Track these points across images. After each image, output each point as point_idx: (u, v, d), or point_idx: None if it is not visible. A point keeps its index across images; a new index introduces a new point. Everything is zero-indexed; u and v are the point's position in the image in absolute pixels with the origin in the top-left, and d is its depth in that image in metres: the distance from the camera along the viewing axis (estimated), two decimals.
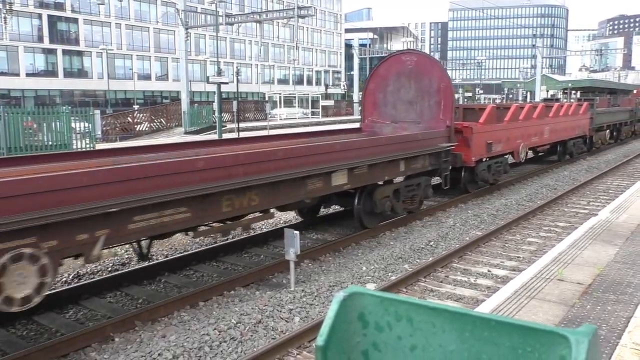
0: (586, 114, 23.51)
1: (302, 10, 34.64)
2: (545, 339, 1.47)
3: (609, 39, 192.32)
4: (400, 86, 13.15)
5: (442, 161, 12.33)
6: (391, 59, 13.48)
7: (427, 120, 12.78)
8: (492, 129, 14.77)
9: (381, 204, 10.88)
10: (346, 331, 1.74)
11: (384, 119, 13.47)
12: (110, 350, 6.05)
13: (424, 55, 13.62)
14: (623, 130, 31.38)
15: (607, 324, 5.10)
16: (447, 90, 12.63)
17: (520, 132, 16.74)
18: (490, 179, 15.36)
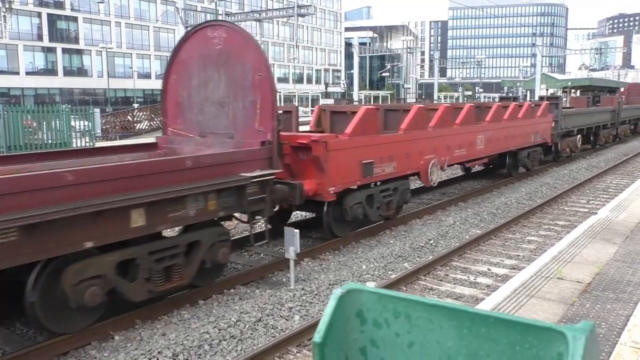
0: (546, 116, 19.17)
1: (302, 9, 34.65)
2: (542, 335, 1.47)
3: (608, 37, 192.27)
4: (208, 78, 8.72)
5: (253, 199, 7.67)
6: (195, 35, 8.88)
7: (242, 130, 8.36)
8: (371, 142, 10.27)
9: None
10: (344, 328, 1.74)
11: (189, 129, 9.01)
12: (110, 349, 6.05)
13: (236, 29, 8.54)
14: (602, 134, 26.88)
15: (607, 323, 5.11)
16: (264, 85, 8.09)
17: (431, 144, 12.17)
18: (373, 216, 10.62)
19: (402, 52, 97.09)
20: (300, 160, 9.41)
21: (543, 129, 18.80)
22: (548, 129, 19.29)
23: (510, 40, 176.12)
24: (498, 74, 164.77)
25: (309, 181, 9.21)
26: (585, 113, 24.50)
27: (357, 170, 9.94)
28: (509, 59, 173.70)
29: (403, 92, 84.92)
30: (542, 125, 18.74)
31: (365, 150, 10.11)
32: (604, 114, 27.25)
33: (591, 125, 24.83)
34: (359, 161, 9.93)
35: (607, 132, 27.70)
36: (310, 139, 9.11)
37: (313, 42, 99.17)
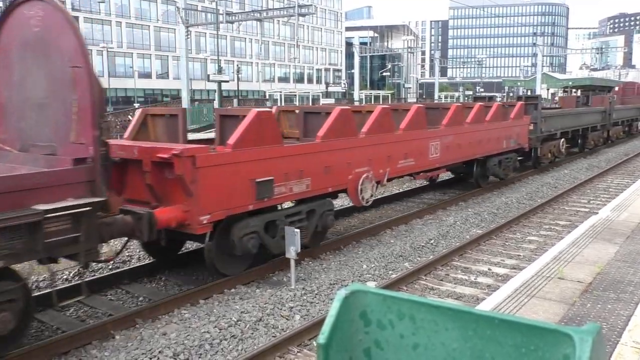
0: (522, 118, 16.88)
1: (302, 8, 34.62)
2: (549, 337, 1.46)
3: (609, 37, 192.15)
4: (27, 72, 6.57)
5: (58, 240, 5.54)
6: (13, 15, 6.68)
7: (64, 142, 6.20)
8: (268, 155, 8.06)
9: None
10: (348, 329, 1.73)
11: (12, 139, 6.78)
12: (111, 348, 6.05)
13: (52, 4, 6.34)
14: (591, 137, 24.67)
15: (608, 323, 5.10)
16: (81, 80, 5.96)
17: (364, 154, 9.98)
18: (275, 248, 8.39)
19: (402, 51, 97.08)
20: (166, 181, 7.10)
21: (518, 132, 16.46)
22: (524, 132, 17.04)
23: (511, 40, 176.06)
24: (499, 73, 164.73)
25: (173, 208, 7.02)
26: (570, 114, 21.96)
27: (249, 191, 7.71)
28: (510, 58, 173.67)
29: (404, 92, 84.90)
30: (517, 128, 16.43)
31: (260, 164, 7.88)
32: (593, 115, 24.86)
33: (578, 128, 22.51)
34: (250, 179, 7.71)
35: (596, 134, 25.35)
36: (171, 152, 6.82)
37: (314, 41, 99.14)
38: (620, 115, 29.75)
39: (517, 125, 16.47)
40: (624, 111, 30.85)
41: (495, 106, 15.53)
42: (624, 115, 31.03)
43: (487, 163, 15.09)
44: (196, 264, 9.05)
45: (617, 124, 29.16)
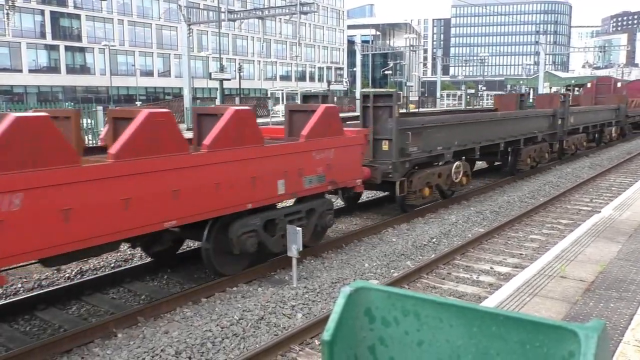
0: (341, 135, 9.45)
1: (304, 6, 34.59)
2: (553, 334, 1.46)
3: (612, 35, 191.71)
4: None
5: None
6: None
7: None
8: None
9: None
10: (353, 326, 1.73)
11: None
12: (113, 346, 6.06)
13: None
14: (526, 153, 17.29)
15: (610, 321, 5.10)
16: None
17: None
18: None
19: (404, 50, 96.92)
20: None
21: (335, 161, 9.18)
22: (353, 159, 9.66)
23: (514, 38, 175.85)
24: (501, 72, 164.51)
25: None
26: (471, 123, 14.04)
27: None
28: (512, 56, 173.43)
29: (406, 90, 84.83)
30: (330, 154, 9.07)
31: None
32: (531, 121, 17.65)
33: (496, 142, 15.30)
34: None
35: (536, 148, 17.99)
36: None
37: (316, 39, 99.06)
38: (583, 119, 22.87)
39: (329, 148, 9.01)
40: (589, 114, 23.91)
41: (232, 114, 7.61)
42: (590, 120, 23.96)
43: (230, 229, 7.66)
44: (198, 263, 9.06)
45: (575, 132, 22.06)
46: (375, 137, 11.23)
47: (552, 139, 19.58)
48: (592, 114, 24.40)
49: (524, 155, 17.21)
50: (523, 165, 17.28)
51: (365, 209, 13.05)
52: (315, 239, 9.52)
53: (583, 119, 22.87)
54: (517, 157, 17.11)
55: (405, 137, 11.28)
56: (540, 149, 18.38)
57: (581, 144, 23.06)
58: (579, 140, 22.66)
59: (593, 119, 24.39)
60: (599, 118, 25.29)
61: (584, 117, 23.03)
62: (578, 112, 22.18)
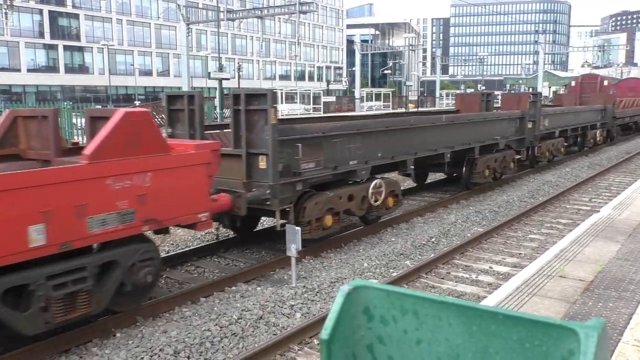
0: (170, 157, 6.64)
1: (303, 6, 34.58)
2: (553, 332, 1.45)
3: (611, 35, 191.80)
4: None
5: None
6: None
7: None
8: None
9: None
10: (351, 325, 1.72)
11: None
12: (111, 346, 6.05)
13: None
14: (483, 163, 14.56)
15: (609, 321, 5.09)
16: None
17: None
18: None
19: (404, 49, 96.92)
20: None
21: (149, 191, 6.41)
22: (190, 187, 6.91)
23: (513, 38, 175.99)
24: (500, 71, 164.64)
25: None
26: (400, 130, 11.39)
27: None
28: (512, 56, 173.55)
29: (405, 90, 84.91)
30: (139, 182, 6.31)
31: None
32: (491, 125, 14.98)
33: (440, 152, 12.66)
34: None
35: (497, 157, 15.24)
36: None
37: (315, 39, 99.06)
38: (560, 122, 20.04)
39: (140, 172, 6.32)
40: (568, 116, 21.13)
41: None
42: (569, 122, 21.09)
43: None
44: (197, 262, 9.06)
45: (550, 136, 19.24)
46: (250, 151, 8.42)
47: (520, 145, 16.80)
48: (572, 116, 21.53)
49: (481, 166, 14.38)
50: (479, 178, 14.50)
51: None
52: (126, 303, 6.65)
53: (560, 122, 19.96)
54: (472, 169, 14.35)
55: (292, 150, 8.61)
56: (503, 158, 15.51)
57: (558, 150, 19.91)
58: (555, 146, 19.60)
59: (573, 121, 21.47)
60: (580, 120, 22.24)
61: (561, 119, 20.14)
62: (554, 114, 19.31)
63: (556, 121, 19.53)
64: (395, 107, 68.02)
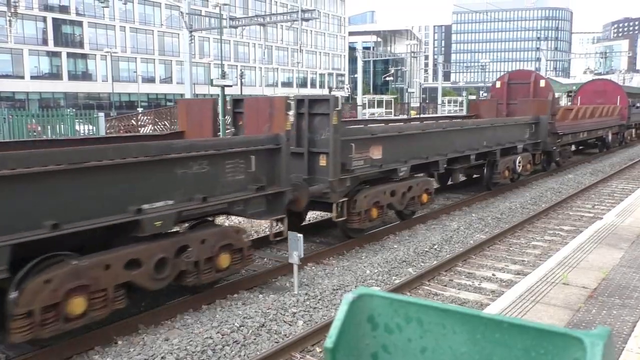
0: None
1: (305, 13, 34.69)
2: (558, 341, 1.44)
3: (613, 41, 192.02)
4: None
5: None
6: None
7: None
8: None
9: None
10: (355, 333, 1.71)
11: None
12: (113, 353, 6.03)
13: None
14: None
15: (613, 329, 5.06)
16: None
17: None
18: None
19: (405, 56, 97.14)
20: None
21: None
22: None
23: (515, 45, 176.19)
24: None
25: None
26: None
27: None
28: (513, 63, 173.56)
29: (407, 97, 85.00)
30: None
31: None
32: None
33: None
34: None
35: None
36: None
37: (317, 46, 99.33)
38: (430, 148, 12.00)
39: None
40: (447, 137, 12.68)
41: None
42: (458, 147, 13.11)
43: None
44: None
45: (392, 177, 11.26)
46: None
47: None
48: (464, 136, 13.38)
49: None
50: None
51: None
52: None
53: (425, 149, 11.78)
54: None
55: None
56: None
57: (416, 200, 11.55)
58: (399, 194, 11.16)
59: (467, 146, 13.39)
60: (489, 140, 14.51)
61: (428, 143, 11.89)
62: (400, 137, 11.09)
63: (409, 148, 11.25)
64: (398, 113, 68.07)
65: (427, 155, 11.93)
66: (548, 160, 19.93)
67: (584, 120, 22.66)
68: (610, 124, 26.31)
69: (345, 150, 9.49)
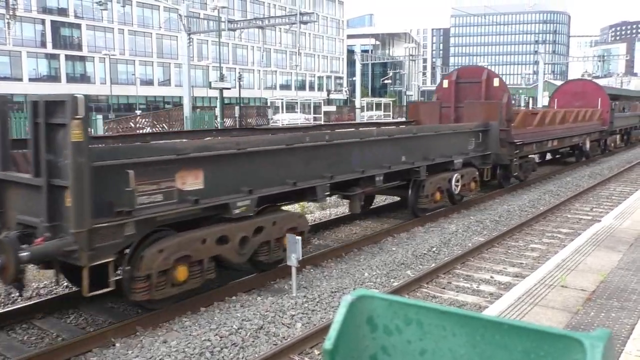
0: None
1: (304, 16, 34.73)
2: (558, 343, 1.44)
3: (611, 45, 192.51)
4: None
5: None
6: None
7: None
8: None
9: None
10: (354, 335, 1.71)
11: None
12: (111, 356, 6.01)
13: None
14: None
15: (612, 331, 5.06)
16: None
17: None
18: None
19: (404, 59, 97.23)
20: None
21: None
22: None
23: (513, 48, 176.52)
24: None
25: None
26: None
27: None
28: (511, 66, 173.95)
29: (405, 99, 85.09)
30: None
31: None
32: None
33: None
34: None
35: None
36: None
37: (315, 49, 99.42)
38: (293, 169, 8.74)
39: None
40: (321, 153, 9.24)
41: None
42: (349, 167, 9.80)
43: None
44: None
45: None
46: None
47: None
48: (355, 153, 9.94)
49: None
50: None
51: (365, 217, 13.03)
52: None
53: (272, 173, 8.29)
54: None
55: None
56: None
57: None
58: None
59: (361, 165, 10.01)
60: (397, 158, 11.04)
61: (273, 166, 8.35)
62: None
63: (256, 171, 8.02)
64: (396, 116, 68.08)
65: (294, 180, 8.39)
66: (505, 175, 16.55)
67: (553, 127, 19.42)
68: (587, 130, 22.96)
69: (115, 181, 6.17)
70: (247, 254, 7.81)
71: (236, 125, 41.46)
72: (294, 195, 9.10)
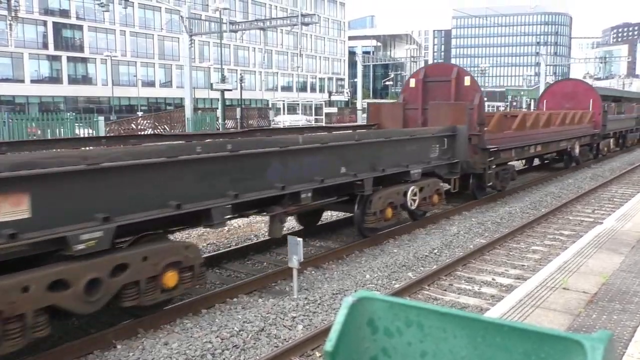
0: None
1: (305, 17, 34.76)
2: (559, 345, 1.44)
3: (613, 46, 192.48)
4: None
5: None
6: None
7: None
8: None
9: None
10: (355, 336, 1.71)
11: None
12: (112, 358, 6.01)
13: None
14: None
15: (613, 334, 5.05)
16: None
17: None
18: None
19: (405, 60, 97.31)
20: None
21: None
22: None
23: (514, 49, 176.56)
24: (502, 83, 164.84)
25: None
26: None
27: None
28: (513, 67, 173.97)
29: None
30: None
31: None
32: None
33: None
34: None
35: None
36: None
37: (317, 50, 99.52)
38: None
39: None
40: None
41: None
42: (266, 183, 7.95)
43: None
44: None
45: None
46: None
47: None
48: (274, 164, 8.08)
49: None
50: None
51: None
52: None
53: (141, 193, 6.29)
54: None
55: None
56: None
57: None
58: None
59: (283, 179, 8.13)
60: (335, 170, 9.32)
61: (142, 184, 6.35)
62: None
63: (117, 190, 6.02)
64: None
65: (178, 202, 6.53)
66: (479, 185, 14.78)
67: (536, 131, 17.54)
68: (577, 133, 21.21)
69: None
70: (101, 300, 5.82)
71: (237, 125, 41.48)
72: (187, 219, 7.20)
